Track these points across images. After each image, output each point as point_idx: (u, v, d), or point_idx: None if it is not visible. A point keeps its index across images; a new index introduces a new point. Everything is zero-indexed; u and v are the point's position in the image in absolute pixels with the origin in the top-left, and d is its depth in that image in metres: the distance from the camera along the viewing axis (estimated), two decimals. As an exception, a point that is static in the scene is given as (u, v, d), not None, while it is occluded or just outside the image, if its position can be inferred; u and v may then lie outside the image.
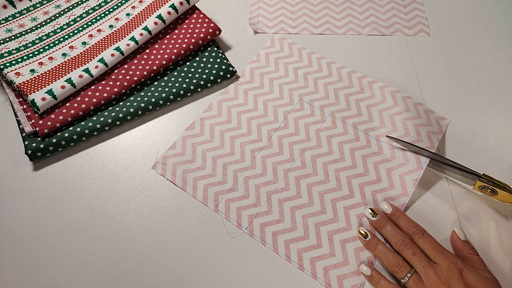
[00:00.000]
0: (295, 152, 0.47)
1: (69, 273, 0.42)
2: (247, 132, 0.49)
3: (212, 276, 0.41)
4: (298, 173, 0.46)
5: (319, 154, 0.47)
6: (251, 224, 0.43)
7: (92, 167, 0.49)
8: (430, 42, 0.60)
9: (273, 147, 0.48)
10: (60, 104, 0.51)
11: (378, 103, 0.51)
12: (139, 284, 0.41)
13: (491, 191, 0.42)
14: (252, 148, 0.48)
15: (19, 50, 0.56)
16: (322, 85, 0.53)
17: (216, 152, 0.48)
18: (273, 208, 0.44)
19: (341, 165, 0.46)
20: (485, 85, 0.55)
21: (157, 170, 0.47)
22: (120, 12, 0.61)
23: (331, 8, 0.64)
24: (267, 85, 0.52)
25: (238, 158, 0.47)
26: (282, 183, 0.45)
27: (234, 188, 0.45)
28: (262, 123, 0.49)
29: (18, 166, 0.49)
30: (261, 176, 0.46)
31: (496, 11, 0.63)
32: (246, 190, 0.45)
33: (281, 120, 0.48)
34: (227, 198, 0.45)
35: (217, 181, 0.46)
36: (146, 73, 0.54)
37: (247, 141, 0.48)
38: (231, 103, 0.52)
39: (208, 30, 0.57)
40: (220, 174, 0.46)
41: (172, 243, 0.43)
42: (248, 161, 0.47)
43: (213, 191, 0.45)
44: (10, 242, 0.44)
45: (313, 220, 0.43)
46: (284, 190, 0.45)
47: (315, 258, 0.41)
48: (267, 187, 0.45)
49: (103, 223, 0.45)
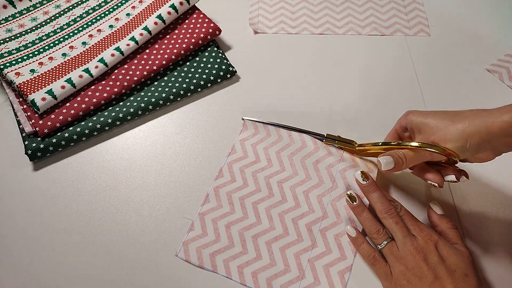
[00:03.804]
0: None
1: (69, 273, 0.42)
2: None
3: (212, 275, 0.41)
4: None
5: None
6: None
7: (92, 167, 0.49)
8: (430, 42, 0.60)
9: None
10: (60, 104, 0.51)
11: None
12: (139, 284, 0.41)
13: (337, 149, 0.48)
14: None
15: (19, 50, 0.56)
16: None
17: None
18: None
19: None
20: (485, 85, 0.55)
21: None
22: (120, 12, 0.61)
23: (331, 8, 0.64)
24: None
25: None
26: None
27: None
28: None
29: (18, 166, 0.49)
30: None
31: (496, 11, 0.63)
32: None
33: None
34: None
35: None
36: (146, 73, 0.54)
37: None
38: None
39: (208, 30, 0.57)
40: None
41: (172, 243, 0.43)
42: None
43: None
44: (10, 242, 0.44)
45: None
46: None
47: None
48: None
49: (103, 223, 0.45)
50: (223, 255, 0.42)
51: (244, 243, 0.43)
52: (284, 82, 0.56)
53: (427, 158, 0.39)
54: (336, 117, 0.52)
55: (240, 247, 0.42)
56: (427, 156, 0.39)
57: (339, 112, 0.53)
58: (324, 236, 0.43)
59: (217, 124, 0.52)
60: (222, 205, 0.45)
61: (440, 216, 0.42)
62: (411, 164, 0.40)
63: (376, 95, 0.54)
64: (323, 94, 0.55)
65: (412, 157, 0.39)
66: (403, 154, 0.39)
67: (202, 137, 0.51)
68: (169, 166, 0.49)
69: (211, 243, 0.43)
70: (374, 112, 0.53)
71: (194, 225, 0.44)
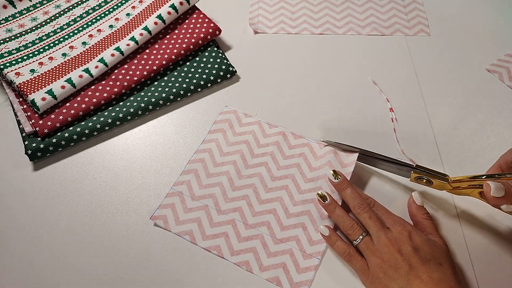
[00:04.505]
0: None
1: (69, 273, 0.42)
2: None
3: (212, 275, 0.41)
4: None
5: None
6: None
7: (92, 167, 0.49)
8: (430, 42, 0.60)
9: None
10: (60, 104, 0.51)
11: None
12: (139, 284, 0.41)
13: (426, 181, 0.43)
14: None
15: (19, 50, 0.56)
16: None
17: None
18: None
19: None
20: (485, 85, 0.55)
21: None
22: (120, 12, 0.61)
23: (331, 8, 0.64)
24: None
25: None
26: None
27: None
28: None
29: (18, 166, 0.49)
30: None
31: (496, 11, 0.63)
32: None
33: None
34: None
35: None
36: (146, 73, 0.54)
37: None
38: None
39: (208, 30, 0.57)
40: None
41: (172, 243, 0.43)
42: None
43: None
44: (10, 242, 0.44)
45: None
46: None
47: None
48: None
49: (103, 223, 0.45)
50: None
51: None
52: (284, 82, 0.56)
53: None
54: (336, 117, 0.52)
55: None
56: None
57: (339, 112, 0.53)
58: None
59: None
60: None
61: (418, 207, 0.42)
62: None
63: (376, 95, 0.54)
64: (323, 94, 0.55)
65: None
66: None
67: (202, 137, 0.51)
68: (169, 166, 0.49)
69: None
70: (374, 112, 0.53)
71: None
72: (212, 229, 0.44)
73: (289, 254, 0.42)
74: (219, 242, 0.43)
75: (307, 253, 0.42)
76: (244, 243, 0.43)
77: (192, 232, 0.43)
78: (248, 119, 0.52)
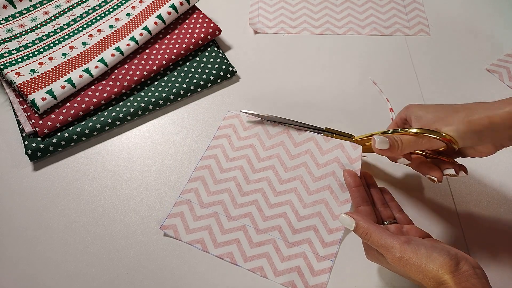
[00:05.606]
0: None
1: (69, 273, 0.42)
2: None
3: (212, 275, 0.41)
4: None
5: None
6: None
7: (92, 167, 0.49)
8: (430, 42, 0.60)
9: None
10: (60, 104, 0.51)
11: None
12: (139, 284, 0.41)
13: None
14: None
15: (19, 50, 0.56)
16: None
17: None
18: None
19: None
20: (485, 85, 0.55)
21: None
22: (120, 12, 0.61)
23: (331, 8, 0.64)
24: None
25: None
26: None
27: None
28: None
29: (18, 166, 0.49)
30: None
31: (496, 11, 0.63)
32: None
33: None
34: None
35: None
36: (146, 73, 0.54)
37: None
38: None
39: (208, 30, 0.57)
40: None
41: (172, 243, 0.43)
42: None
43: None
44: (10, 242, 0.44)
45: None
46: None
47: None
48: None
49: (103, 223, 0.45)
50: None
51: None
52: (284, 82, 0.56)
53: (425, 145, 0.38)
54: (336, 117, 0.52)
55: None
56: (425, 143, 0.37)
57: (339, 113, 0.53)
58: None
59: (217, 124, 0.52)
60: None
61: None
62: (407, 150, 0.38)
63: (376, 95, 0.54)
64: (323, 94, 0.55)
65: (408, 142, 0.38)
66: (399, 137, 0.38)
67: (202, 137, 0.51)
68: (169, 166, 0.49)
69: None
70: (374, 112, 0.53)
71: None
72: (224, 236, 0.43)
73: (303, 258, 0.41)
74: (231, 249, 0.42)
75: (320, 255, 0.41)
76: (256, 249, 0.42)
77: (203, 240, 0.43)
78: (251, 120, 0.51)
